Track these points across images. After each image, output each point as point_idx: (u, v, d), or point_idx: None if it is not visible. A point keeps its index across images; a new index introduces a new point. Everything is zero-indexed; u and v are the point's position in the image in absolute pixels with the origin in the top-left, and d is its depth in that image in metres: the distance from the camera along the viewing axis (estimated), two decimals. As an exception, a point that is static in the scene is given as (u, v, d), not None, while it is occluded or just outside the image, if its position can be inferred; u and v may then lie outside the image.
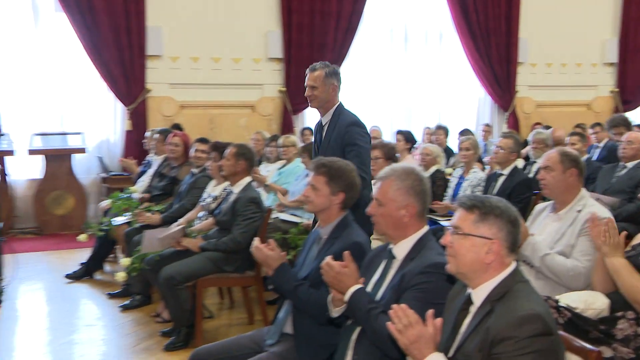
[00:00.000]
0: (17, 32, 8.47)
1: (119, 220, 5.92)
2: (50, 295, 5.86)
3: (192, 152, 5.75)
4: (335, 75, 4.10)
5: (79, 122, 8.82)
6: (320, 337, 2.82)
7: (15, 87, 8.51)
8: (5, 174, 7.92)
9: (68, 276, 6.24)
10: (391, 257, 2.62)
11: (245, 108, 9.50)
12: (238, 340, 3.11)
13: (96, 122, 8.96)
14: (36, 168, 8.52)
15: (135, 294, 5.48)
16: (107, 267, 6.57)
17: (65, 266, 6.63)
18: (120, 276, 5.20)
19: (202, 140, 5.76)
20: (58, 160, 8.41)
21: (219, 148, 5.16)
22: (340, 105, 4.13)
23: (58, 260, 7.01)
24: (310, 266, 2.98)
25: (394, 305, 2.10)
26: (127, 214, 5.93)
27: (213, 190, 5.34)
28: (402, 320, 2.07)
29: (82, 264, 6.37)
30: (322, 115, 4.16)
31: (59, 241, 7.93)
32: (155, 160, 6.80)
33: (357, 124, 4.05)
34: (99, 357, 4.42)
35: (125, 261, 4.86)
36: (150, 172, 6.69)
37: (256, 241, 3.00)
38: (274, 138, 6.98)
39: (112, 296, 5.68)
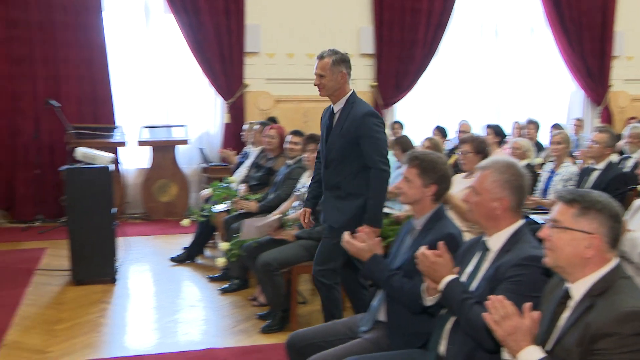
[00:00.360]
0: (130, 32, 8.83)
1: (219, 207, 6.06)
2: (157, 276, 6.07)
3: (287, 144, 5.80)
4: (344, 62, 3.85)
5: (183, 115, 9.10)
6: (414, 326, 2.78)
7: (128, 83, 8.86)
8: (118, 163, 8.28)
9: (172, 259, 6.46)
10: (485, 249, 2.55)
11: (338, 102, 9.51)
12: (333, 326, 3.11)
13: (198, 116, 9.21)
14: (144, 158, 8.86)
15: (233, 278, 5.60)
16: (207, 252, 6.75)
17: (170, 250, 6.86)
18: (220, 261, 5.32)
19: (297, 133, 5.79)
20: (163, 151, 8.71)
21: (315, 140, 5.18)
22: (353, 94, 3.90)
23: (163, 244, 7.27)
24: (403, 256, 2.94)
25: (491, 296, 2.04)
26: (226, 202, 6.06)
27: (307, 180, 5.36)
28: (499, 312, 2.00)
29: (184, 248, 6.57)
30: (334, 103, 3.93)
31: (164, 226, 8.23)
32: (252, 151, 6.92)
33: (373, 114, 3.81)
34: (200, 336, 4.55)
35: (224, 246, 4.97)
36: (248, 163, 6.81)
37: (346, 235, 2.99)
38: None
39: (212, 279, 5.83)
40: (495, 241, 2.51)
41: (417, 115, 10.06)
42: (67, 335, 4.52)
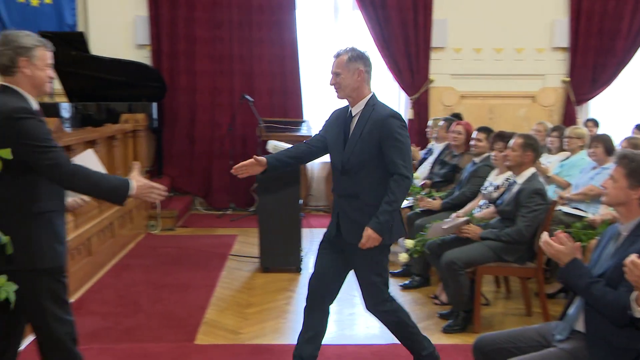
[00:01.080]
0: (319, 28, 9.12)
1: (402, 204, 6.04)
2: (338, 268, 6.19)
3: (472, 141, 5.65)
4: (361, 59, 3.47)
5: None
6: (617, 340, 2.56)
7: (315, 78, 9.15)
8: (304, 157, 8.58)
9: (354, 252, 6.56)
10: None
11: (526, 98, 9.10)
12: (524, 332, 2.96)
13: (381, 111, 9.26)
14: (328, 152, 9.08)
15: (415, 275, 5.57)
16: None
17: (351, 243, 6.98)
18: (403, 257, 5.31)
19: (484, 129, 5.61)
20: (347, 145, 8.86)
21: (504, 138, 4.98)
22: (374, 97, 3.53)
23: (344, 237, 7.40)
24: (606, 264, 2.72)
25: None
26: (409, 198, 6.04)
27: (495, 179, 5.18)
28: None
29: (366, 242, 6.63)
30: (352, 106, 3.54)
31: (345, 219, 8.38)
32: (436, 147, 6.83)
33: (396, 117, 3.45)
34: (381, 330, 4.56)
35: (409, 244, 4.94)
36: (431, 159, 6.73)
37: (544, 236, 2.82)
38: (557, 129, 6.56)
39: (392, 275, 5.83)
40: None
41: (613, 112, 9.31)
42: (257, 319, 4.77)
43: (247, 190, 8.80)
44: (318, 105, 9.20)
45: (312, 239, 6.52)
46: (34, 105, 2.83)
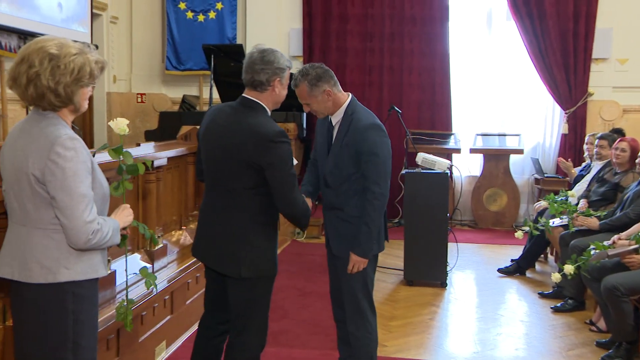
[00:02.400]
0: (471, 39, 8.94)
1: (556, 222, 5.74)
2: (484, 286, 6.00)
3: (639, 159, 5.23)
4: (321, 78, 3.26)
5: (517, 124, 8.88)
6: None
7: (465, 90, 8.98)
8: (451, 169, 8.42)
9: (500, 270, 6.32)
10: None
11: (698, 114, 8.34)
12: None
13: (533, 125, 8.89)
14: (476, 166, 8.87)
15: (568, 298, 5.26)
16: (538, 266, 6.46)
17: (497, 260, 6.74)
18: (555, 277, 5.00)
19: (653, 147, 5.20)
20: (496, 159, 8.61)
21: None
22: (352, 102, 3.34)
23: (491, 254, 7.17)
24: None
25: None
26: (563, 217, 5.70)
27: (665, 201, 4.76)
28: None
29: (513, 260, 6.38)
30: (331, 114, 3.37)
31: (492, 235, 8.13)
32: (595, 164, 6.40)
33: (375, 127, 3.25)
34: (527, 354, 4.35)
35: (568, 269, 4.54)
36: (589, 176, 6.32)
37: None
38: None
39: (543, 296, 5.55)
40: None
41: None
42: (401, 332, 4.72)
43: (392, 201, 8.76)
44: (467, 117, 9.01)
45: (457, 254, 6.35)
46: None
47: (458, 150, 8.49)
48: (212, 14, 9.16)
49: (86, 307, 2.39)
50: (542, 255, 6.59)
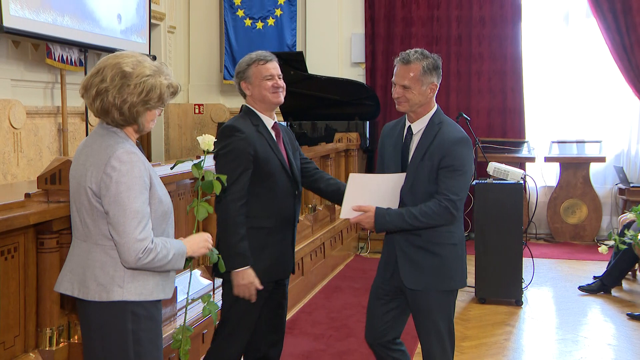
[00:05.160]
0: (546, 40, 8.74)
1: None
2: (564, 305, 5.81)
3: None
4: (436, 70, 3.04)
5: (598, 130, 8.60)
6: None
7: (540, 94, 8.78)
8: (524, 179, 8.22)
9: (581, 288, 6.11)
10: None
11: None
12: None
13: (616, 131, 8.60)
14: (552, 175, 8.63)
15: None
16: (626, 284, 6.22)
17: (577, 277, 6.53)
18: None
19: None
20: (574, 168, 8.36)
21: None
22: (439, 111, 3.11)
23: (570, 270, 6.95)
24: None
25: None
26: None
27: None
28: None
29: (596, 277, 6.16)
30: (412, 121, 3.10)
31: (571, 250, 7.88)
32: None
33: (465, 143, 3.02)
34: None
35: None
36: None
37: None
38: None
39: (633, 317, 5.32)
40: None
41: None
42: (474, 353, 4.61)
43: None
44: (541, 124, 8.80)
45: (533, 270, 6.17)
46: (268, 122, 3.19)
47: (532, 159, 8.29)
48: (270, 21, 9.26)
49: (147, 326, 2.40)
50: (630, 273, 6.35)
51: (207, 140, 2.66)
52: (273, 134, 3.19)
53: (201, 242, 2.56)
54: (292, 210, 3.21)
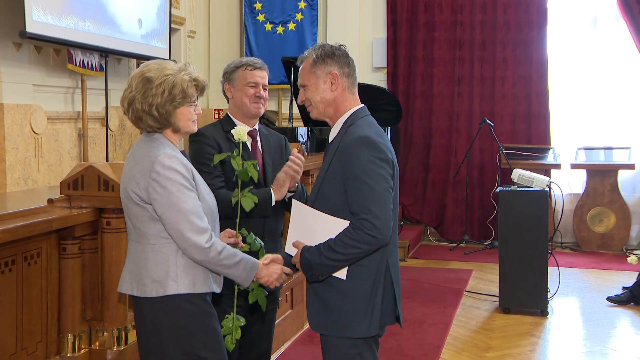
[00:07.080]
0: (573, 44, 8.70)
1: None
2: (591, 316, 5.75)
3: None
4: (331, 57, 2.54)
5: (628, 136, 8.53)
6: None
7: (566, 100, 8.74)
8: (550, 187, 8.17)
9: (610, 299, 6.04)
10: None
11: None
12: None
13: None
14: (578, 182, 8.57)
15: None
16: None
17: (605, 287, 6.47)
18: None
19: None
20: (601, 175, 8.29)
21: None
22: (357, 113, 2.60)
23: (597, 280, 6.89)
24: None
25: None
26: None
27: None
28: None
29: (625, 288, 6.10)
30: (331, 124, 2.64)
31: (598, 260, 7.82)
32: None
33: (362, 142, 2.46)
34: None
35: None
36: None
37: None
38: None
39: None
40: None
41: None
42: (498, 364, 4.60)
43: (484, 221, 8.59)
44: (567, 130, 8.75)
45: (559, 280, 6.13)
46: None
47: (557, 166, 8.24)
48: (291, 25, 9.31)
49: (199, 320, 2.50)
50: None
51: (240, 131, 2.69)
52: (248, 140, 3.04)
53: (273, 270, 2.62)
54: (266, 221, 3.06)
